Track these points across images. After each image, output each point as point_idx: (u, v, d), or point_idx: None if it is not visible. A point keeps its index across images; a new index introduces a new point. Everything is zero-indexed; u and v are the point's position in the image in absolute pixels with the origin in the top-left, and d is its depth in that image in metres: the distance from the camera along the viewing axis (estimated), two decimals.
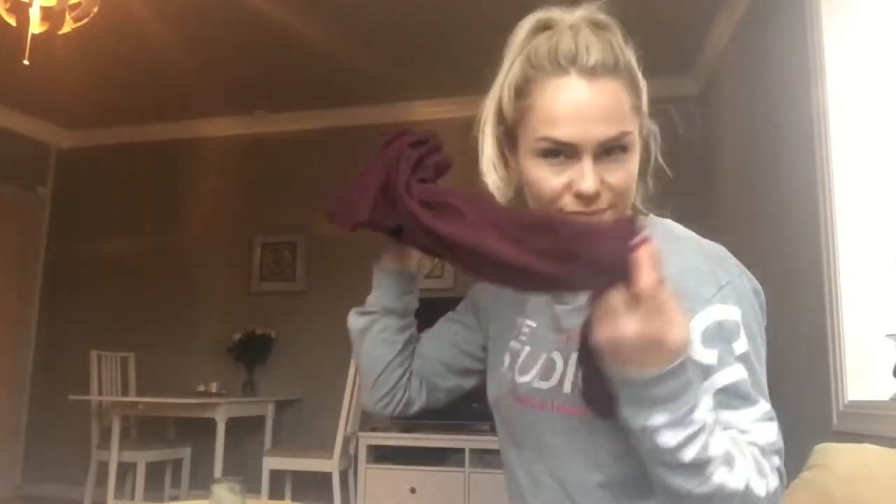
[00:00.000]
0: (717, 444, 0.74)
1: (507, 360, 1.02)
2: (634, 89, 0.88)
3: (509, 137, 0.93)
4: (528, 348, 0.99)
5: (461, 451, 4.07)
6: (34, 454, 5.45)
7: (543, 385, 0.93)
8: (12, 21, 2.99)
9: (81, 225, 5.72)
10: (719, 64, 4.04)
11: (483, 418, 3.02)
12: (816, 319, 2.47)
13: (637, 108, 0.89)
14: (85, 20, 3.06)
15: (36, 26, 2.97)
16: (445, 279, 4.71)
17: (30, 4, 2.95)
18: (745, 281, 0.87)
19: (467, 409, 2.71)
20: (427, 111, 5.10)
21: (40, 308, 5.65)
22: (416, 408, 1.13)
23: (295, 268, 5.24)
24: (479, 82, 1.00)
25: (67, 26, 3.04)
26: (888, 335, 2.20)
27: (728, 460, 0.74)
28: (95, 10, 3.07)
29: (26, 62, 3.12)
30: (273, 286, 5.26)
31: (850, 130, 2.38)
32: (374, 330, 1.09)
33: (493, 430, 1.23)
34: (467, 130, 0.99)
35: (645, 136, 0.92)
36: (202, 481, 4.70)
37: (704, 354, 0.81)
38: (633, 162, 0.88)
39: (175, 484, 4.88)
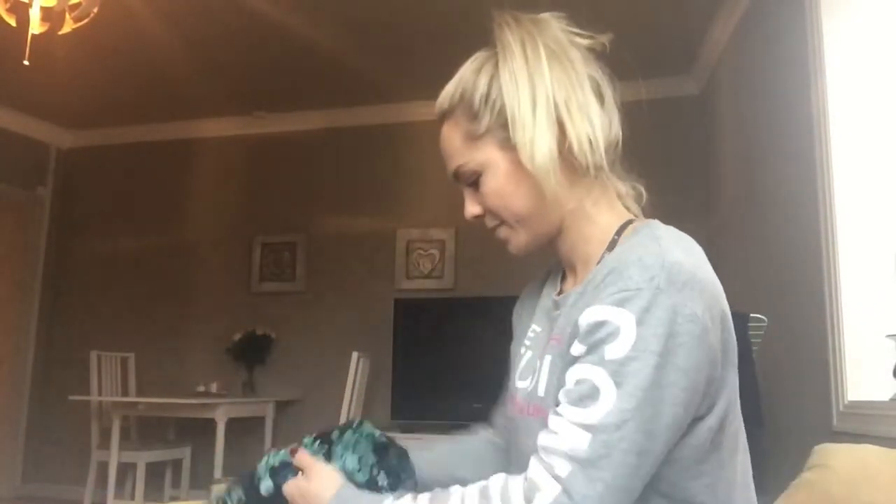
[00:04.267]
0: None
1: (512, 367, 1.01)
2: (469, 117, 0.92)
3: None
4: (529, 353, 0.98)
5: None
6: (34, 454, 5.44)
7: (528, 389, 0.92)
8: (12, 21, 2.99)
9: (81, 225, 5.72)
10: (719, 64, 4.04)
11: (484, 419, 3.01)
12: (816, 319, 2.47)
13: (471, 135, 0.92)
14: (85, 20, 3.06)
15: (36, 26, 2.97)
16: (445, 279, 4.60)
17: (30, 4, 2.95)
18: (666, 299, 0.77)
19: (468, 409, 2.70)
20: (427, 111, 5.06)
21: (40, 308, 5.64)
22: None
23: (295, 268, 5.24)
24: None
25: (67, 26, 3.04)
26: (888, 335, 2.20)
27: None
28: (95, 10, 3.07)
29: (26, 62, 3.12)
30: (273, 286, 5.25)
31: (850, 130, 2.38)
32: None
33: None
34: None
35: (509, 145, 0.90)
36: (202, 481, 4.69)
37: (576, 347, 0.81)
38: (489, 183, 0.92)
39: (175, 484, 4.88)
